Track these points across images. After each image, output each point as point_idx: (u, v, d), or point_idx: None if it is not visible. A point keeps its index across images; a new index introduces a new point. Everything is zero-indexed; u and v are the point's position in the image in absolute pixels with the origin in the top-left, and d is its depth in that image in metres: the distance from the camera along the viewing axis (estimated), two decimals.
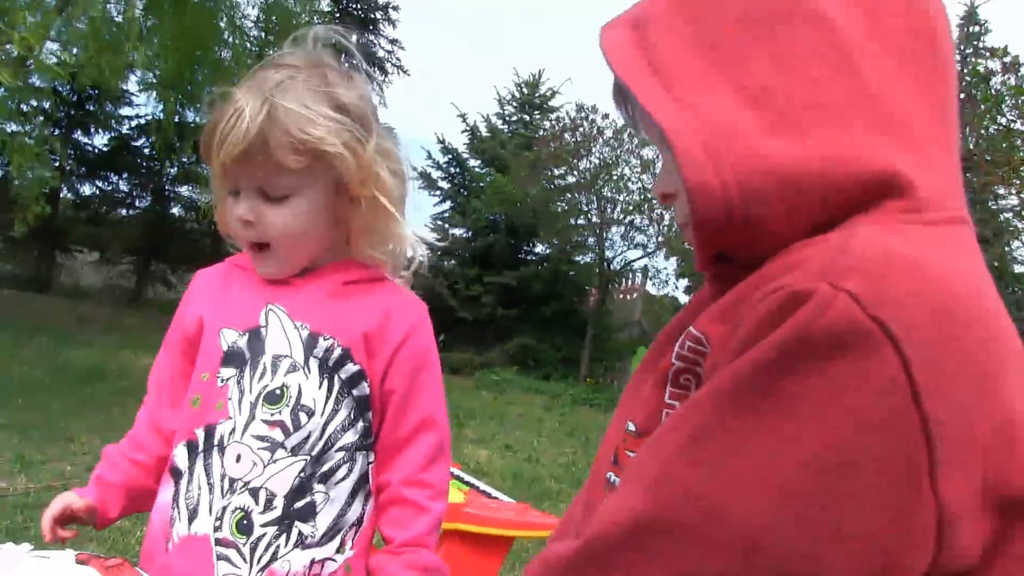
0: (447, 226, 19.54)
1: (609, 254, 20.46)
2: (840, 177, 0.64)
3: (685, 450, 0.56)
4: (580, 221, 20.29)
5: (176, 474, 1.30)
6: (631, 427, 0.70)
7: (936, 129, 0.67)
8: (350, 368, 1.31)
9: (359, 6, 19.05)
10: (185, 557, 1.25)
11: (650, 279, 22.12)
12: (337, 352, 1.30)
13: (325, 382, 1.29)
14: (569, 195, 19.84)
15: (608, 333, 21.44)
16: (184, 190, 18.94)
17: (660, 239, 19.67)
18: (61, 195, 16.60)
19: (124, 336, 11.20)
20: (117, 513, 1.39)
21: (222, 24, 9.50)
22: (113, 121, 17.55)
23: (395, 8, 19.43)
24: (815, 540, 0.52)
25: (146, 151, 18.22)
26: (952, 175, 0.68)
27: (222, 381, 1.28)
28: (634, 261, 21.09)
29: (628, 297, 24.16)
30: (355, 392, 1.31)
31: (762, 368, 0.54)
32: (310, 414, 1.27)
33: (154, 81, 9.66)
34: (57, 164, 13.77)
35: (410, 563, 1.30)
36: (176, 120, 12.65)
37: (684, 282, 21.03)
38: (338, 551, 1.28)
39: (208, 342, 1.32)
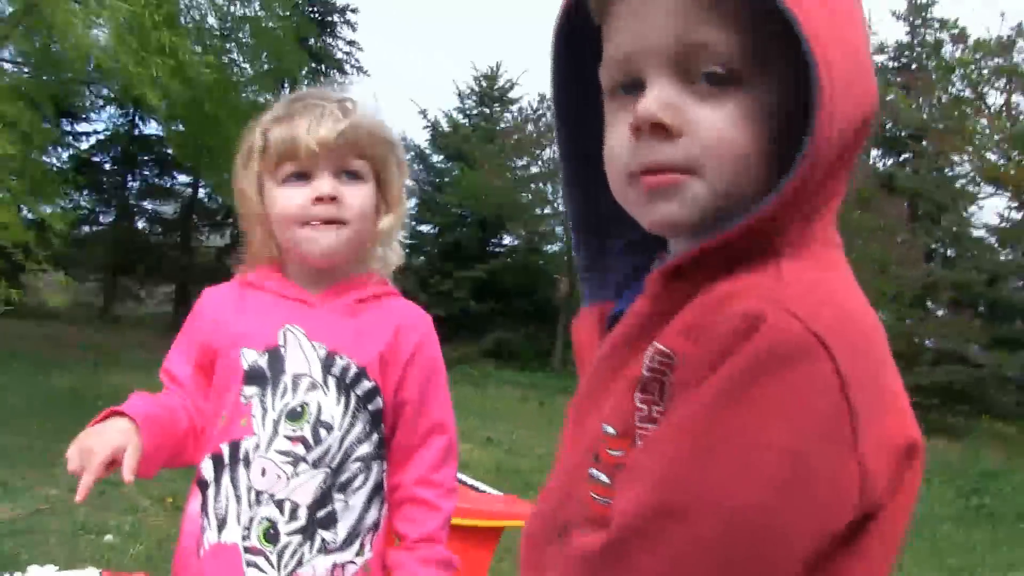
0: (414, 223, 19.55)
1: None
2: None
3: (682, 450, 0.70)
4: (546, 211, 20.38)
5: (203, 485, 1.37)
6: (610, 430, 0.79)
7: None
8: (366, 385, 1.39)
9: (316, 9, 19.01)
10: (216, 564, 1.33)
11: None
12: (353, 370, 1.38)
13: (343, 398, 1.37)
14: (534, 185, 19.93)
15: None
16: (148, 204, 18.85)
17: None
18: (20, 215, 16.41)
19: (97, 354, 11.15)
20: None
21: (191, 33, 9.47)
22: (71, 137, 17.38)
23: (354, 11, 19.42)
24: (786, 505, 0.67)
25: (107, 166, 18.09)
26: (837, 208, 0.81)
27: (245, 399, 1.36)
28: None
29: None
30: (370, 407, 1.39)
31: (735, 380, 0.68)
32: (329, 429, 1.35)
33: (112, 96, 9.59)
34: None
35: (425, 558, 1.40)
36: (137, 133, 12.57)
37: None
38: (358, 554, 1.37)
39: (229, 361, 1.39)
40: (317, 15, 18.80)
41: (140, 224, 18.85)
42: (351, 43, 19.88)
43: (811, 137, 0.69)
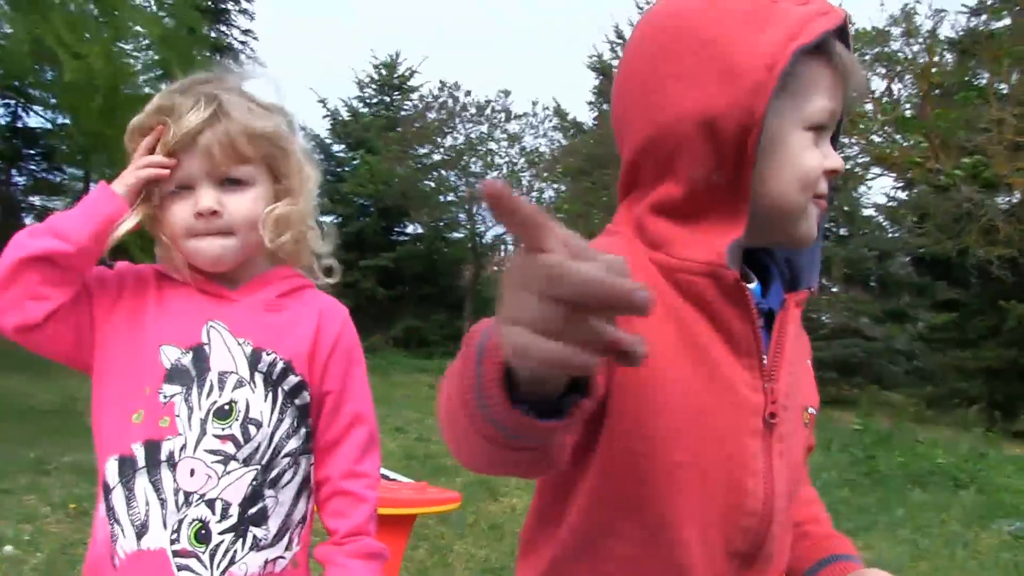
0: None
1: (482, 228, 20.63)
2: None
3: None
4: (450, 197, 20.38)
5: (106, 489, 1.32)
6: (812, 411, 1.11)
7: None
8: (292, 379, 1.39)
9: None
10: (139, 572, 1.29)
11: None
12: (280, 366, 1.38)
13: (270, 394, 1.36)
14: (436, 173, 19.89)
15: (486, 306, 21.65)
16: (36, 200, 18.11)
17: None
18: None
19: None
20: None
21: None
22: None
23: None
24: None
25: None
26: None
27: (165, 398, 1.32)
28: (505, 233, 21.32)
29: (501, 269, 24.42)
30: (297, 401, 1.39)
31: None
32: (258, 426, 1.34)
33: None
34: None
35: (355, 551, 1.40)
36: (20, 126, 12.04)
37: None
38: (287, 549, 1.37)
39: (145, 357, 1.34)
40: (210, 2, 18.26)
41: (28, 221, 18.03)
42: (247, 32, 19.44)
43: None
